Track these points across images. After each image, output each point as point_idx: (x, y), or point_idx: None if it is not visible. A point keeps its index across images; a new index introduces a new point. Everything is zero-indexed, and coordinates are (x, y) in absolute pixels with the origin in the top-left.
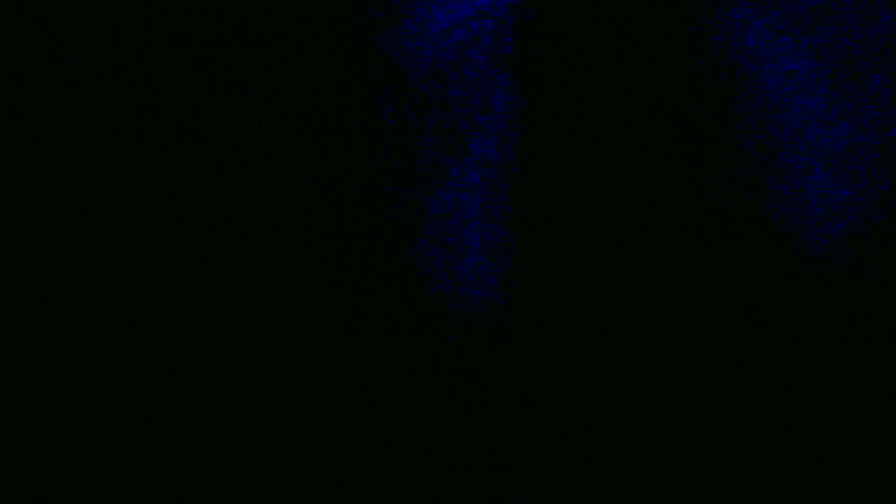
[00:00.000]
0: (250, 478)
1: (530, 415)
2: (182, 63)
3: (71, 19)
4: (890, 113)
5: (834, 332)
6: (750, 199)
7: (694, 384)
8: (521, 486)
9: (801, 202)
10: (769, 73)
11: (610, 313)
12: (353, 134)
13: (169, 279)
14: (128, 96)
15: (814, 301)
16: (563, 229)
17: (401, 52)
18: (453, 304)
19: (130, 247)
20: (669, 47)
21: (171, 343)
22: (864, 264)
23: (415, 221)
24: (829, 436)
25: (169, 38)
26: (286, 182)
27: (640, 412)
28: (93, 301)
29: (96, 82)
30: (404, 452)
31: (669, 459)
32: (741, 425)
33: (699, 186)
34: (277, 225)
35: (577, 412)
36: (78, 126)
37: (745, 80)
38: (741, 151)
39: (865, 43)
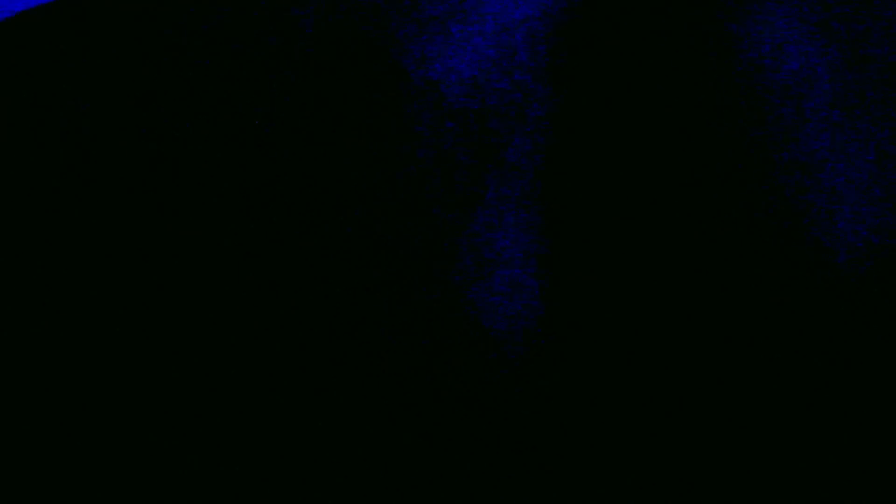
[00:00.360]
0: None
1: (567, 429)
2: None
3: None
4: None
5: (870, 344)
6: (786, 214)
7: (735, 395)
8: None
9: (834, 214)
10: (806, 92)
11: (649, 324)
12: (388, 150)
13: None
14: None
15: (845, 311)
16: (602, 240)
17: (435, 69)
18: (489, 317)
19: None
20: (707, 60)
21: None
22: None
23: (451, 235)
24: (871, 441)
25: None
26: (319, 199)
27: (683, 424)
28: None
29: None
30: (439, 465)
31: (713, 466)
32: (784, 434)
33: (738, 196)
34: (311, 241)
35: (614, 426)
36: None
37: (783, 97)
38: (777, 164)
39: None
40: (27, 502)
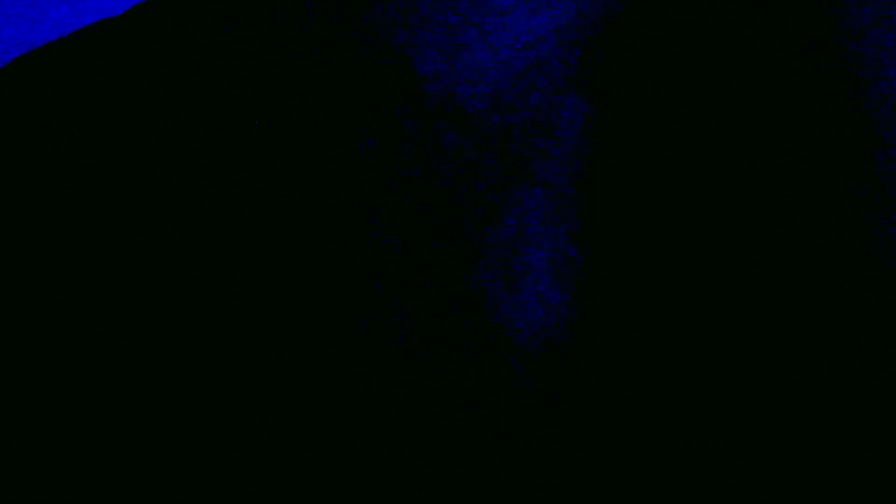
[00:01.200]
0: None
1: (592, 441)
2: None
3: None
4: None
5: None
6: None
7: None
8: None
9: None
10: None
11: (679, 334)
12: (410, 164)
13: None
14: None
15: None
16: (638, 254)
17: (459, 85)
18: (514, 326)
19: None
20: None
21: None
22: None
23: (477, 246)
24: None
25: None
26: (341, 211)
27: (717, 440)
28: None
29: None
30: (461, 474)
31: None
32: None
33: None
34: (335, 253)
35: (639, 439)
36: None
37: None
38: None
39: None
40: (27, 502)
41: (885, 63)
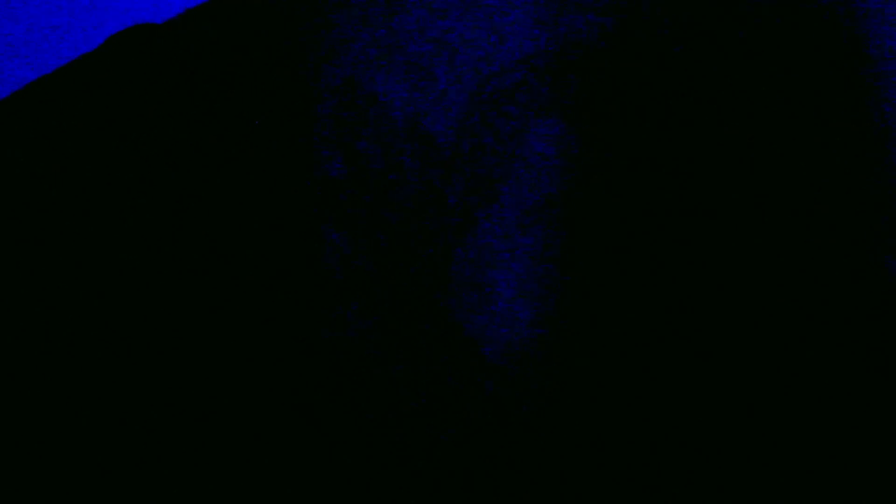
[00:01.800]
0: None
1: (568, 459)
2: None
3: None
4: None
5: None
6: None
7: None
8: None
9: None
10: None
11: (653, 356)
12: (377, 188)
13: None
14: None
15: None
16: (606, 268)
17: (424, 113)
18: (486, 342)
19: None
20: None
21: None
22: None
23: (444, 265)
24: None
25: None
26: (307, 233)
27: (697, 463)
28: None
29: None
30: (436, 489)
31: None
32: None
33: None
34: (298, 271)
35: (619, 460)
36: None
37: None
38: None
39: None
40: (27, 502)
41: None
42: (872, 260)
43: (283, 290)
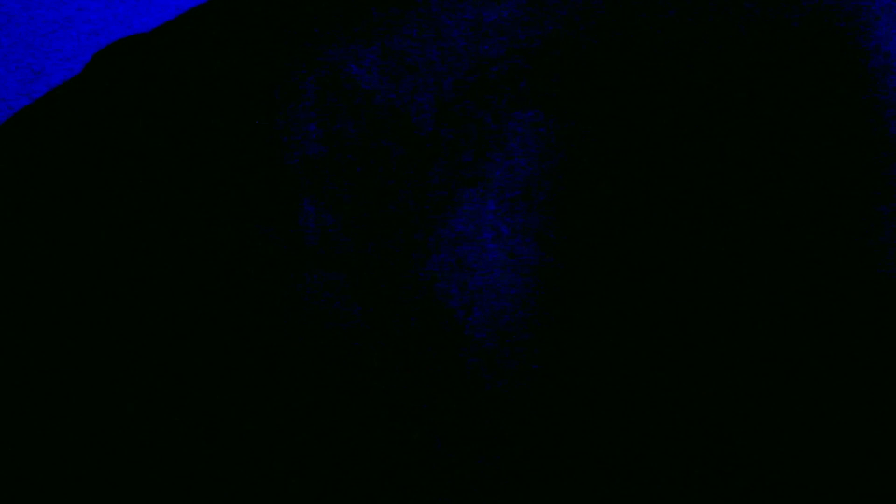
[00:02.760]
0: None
1: (557, 442)
2: None
3: None
4: None
5: None
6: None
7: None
8: None
9: None
10: None
11: (641, 335)
12: (356, 168)
13: None
14: None
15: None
16: (587, 249)
17: (404, 100)
18: (466, 317)
19: None
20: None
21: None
22: None
23: (425, 243)
24: None
25: None
26: (286, 207)
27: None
28: None
29: None
30: (419, 480)
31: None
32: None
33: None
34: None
35: (610, 441)
36: None
37: None
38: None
39: None
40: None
41: None
42: (872, 259)
43: (260, 256)
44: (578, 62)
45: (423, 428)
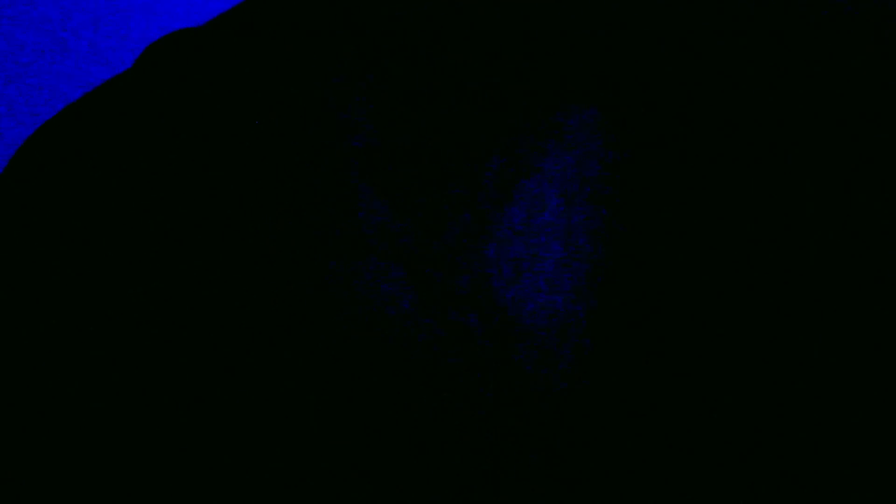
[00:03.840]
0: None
1: (611, 430)
2: None
3: None
4: None
5: None
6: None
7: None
8: None
9: None
10: None
11: (693, 332)
12: (411, 158)
13: None
14: None
15: None
16: (643, 245)
17: (459, 97)
18: (521, 309)
19: None
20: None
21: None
22: None
23: (481, 234)
24: None
25: None
26: (343, 198)
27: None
28: None
29: None
30: (473, 471)
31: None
32: None
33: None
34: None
35: (662, 430)
36: None
37: None
38: None
39: None
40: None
41: None
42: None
43: (318, 254)
44: (633, 58)
45: (475, 422)
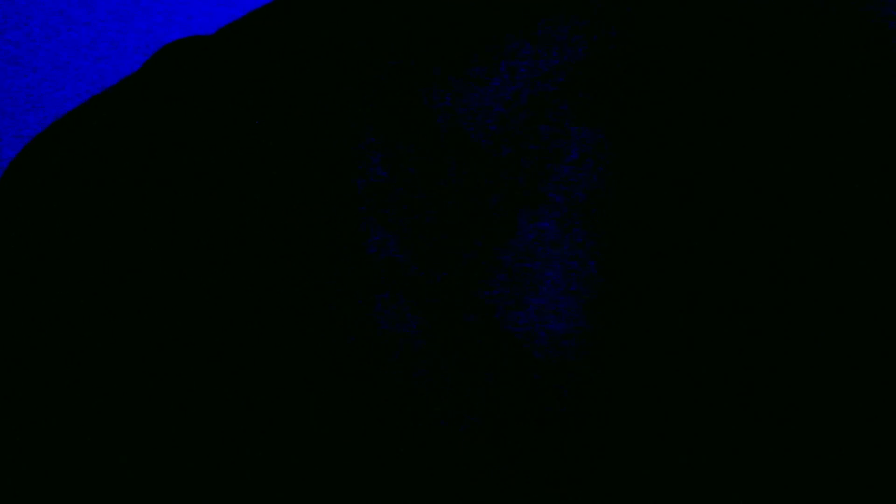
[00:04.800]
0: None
1: (611, 450)
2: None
3: None
4: None
5: None
6: None
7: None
8: None
9: None
10: None
11: (696, 346)
12: (420, 189)
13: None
14: None
15: None
16: (647, 267)
17: (467, 119)
18: (526, 337)
19: None
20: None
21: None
22: None
23: (486, 263)
24: None
25: None
26: (351, 229)
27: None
28: None
29: None
30: (476, 485)
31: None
32: None
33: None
34: (337, 266)
35: (661, 450)
36: None
37: None
38: None
39: None
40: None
41: None
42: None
43: (326, 285)
44: (635, 74)
45: (485, 452)
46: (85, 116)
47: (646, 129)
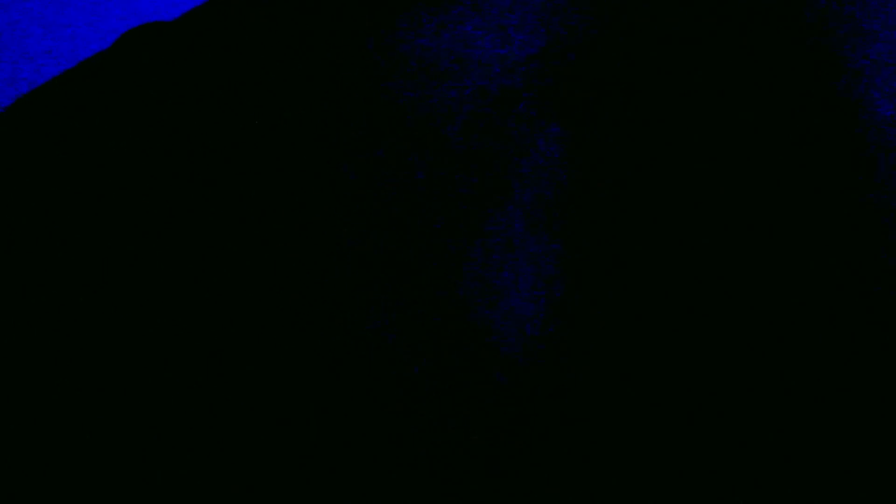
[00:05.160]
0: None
1: (577, 452)
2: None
3: None
4: None
5: None
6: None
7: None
8: None
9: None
10: None
11: (665, 344)
12: (390, 186)
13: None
14: None
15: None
16: (615, 265)
17: (435, 114)
18: (497, 335)
19: None
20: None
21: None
22: None
23: (457, 260)
24: None
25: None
26: (321, 227)
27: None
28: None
29: None
30: (441, 487)
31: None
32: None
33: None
34: (309, 269)
35: (628, 452)
36: None
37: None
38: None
39: None
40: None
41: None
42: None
43: (296, 289)
44: (598, 67)
45: (454, 449)
46: (50, 93)
47: (610, 125)
